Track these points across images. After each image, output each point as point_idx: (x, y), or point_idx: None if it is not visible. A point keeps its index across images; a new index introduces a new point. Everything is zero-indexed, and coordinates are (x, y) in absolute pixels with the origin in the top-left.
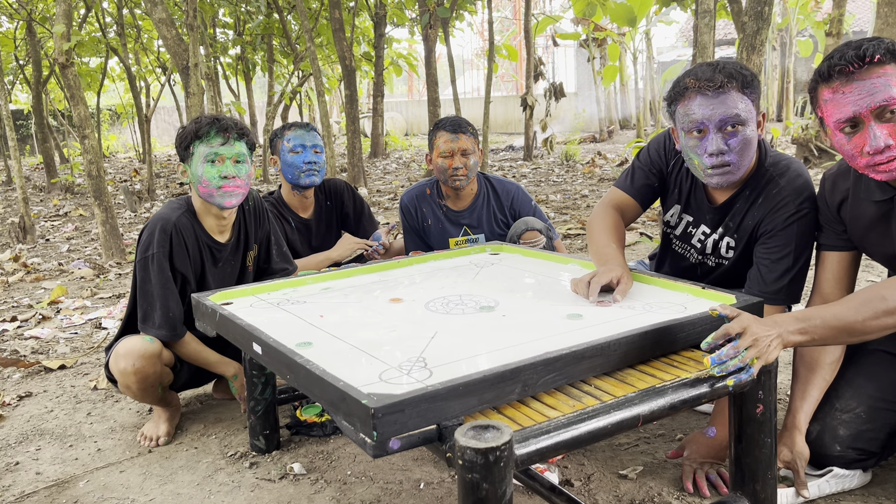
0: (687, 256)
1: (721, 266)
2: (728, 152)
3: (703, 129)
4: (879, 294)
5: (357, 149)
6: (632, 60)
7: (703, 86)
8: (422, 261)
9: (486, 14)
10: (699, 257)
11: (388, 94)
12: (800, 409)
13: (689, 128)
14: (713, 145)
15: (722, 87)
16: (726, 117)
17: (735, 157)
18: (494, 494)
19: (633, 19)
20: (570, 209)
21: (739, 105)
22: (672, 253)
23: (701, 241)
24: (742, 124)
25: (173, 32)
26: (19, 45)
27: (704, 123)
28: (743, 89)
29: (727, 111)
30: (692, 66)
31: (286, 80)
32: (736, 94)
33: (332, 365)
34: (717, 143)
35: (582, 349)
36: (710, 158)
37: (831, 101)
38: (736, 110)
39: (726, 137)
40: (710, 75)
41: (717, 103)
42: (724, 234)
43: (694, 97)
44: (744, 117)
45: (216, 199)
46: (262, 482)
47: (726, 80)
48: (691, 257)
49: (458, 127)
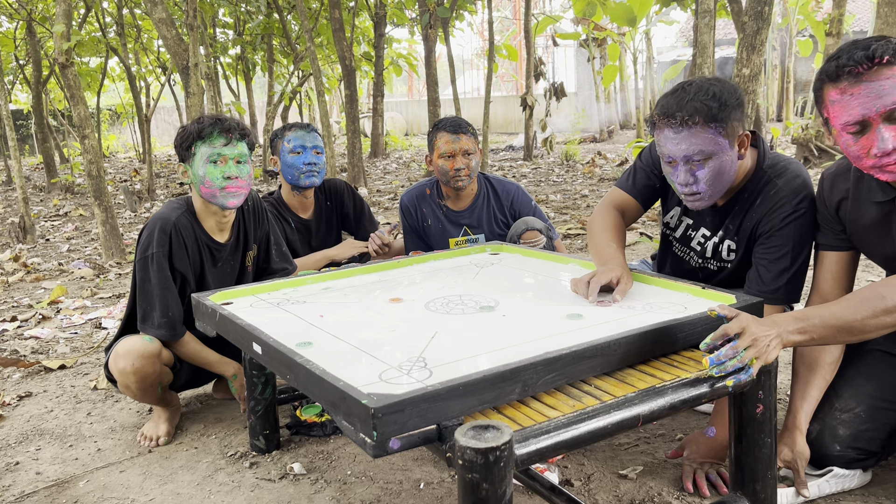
0: (687, 260)
1: (724, 270)
2: (696, 183)
3: (672, 161)
4: (878, 293)
5: (357, 149)
6: (632, 60)
7: (668, 122)
8: (422, 261)
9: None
10: (700, 261)
11: (388, 94)
12: (800, 409)
13: (661, 157)
14: (681, 177)
15: (686, 124)
16: (690, 154)
17: (704, 187)
18: (494, 494)
19: (633, 19)
20: (570, 209)
21: (705, 140)
22: (672, 256)
23: (701, 243)
24: (709, 157)
25: (173, 32)
26: (19, 45)
27: (672, 157)
28: (709, 122)
29: (690, 148)
30: (665, 94)
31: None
32: (701, 129)
33: (332, 365)
34: (685, 175)
35: (582, 349)
36: (681, 187)
37: (839, 102)
38: (700, 146)
39: (694, 170)
40: (674, 111)
41: (681, 139)
42: (724, 237)
43: (662, 129)
44: (710, 150)
45: (219, 200)
46: (262, 482)
47: (689, 118)
48: (692, 261)
49: (459, 127)
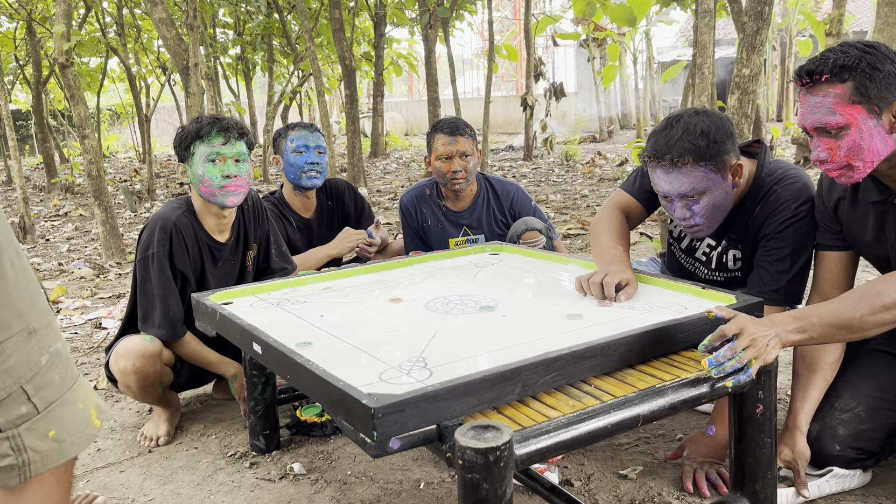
0: (694, 271)
1: (733, 282)
2: (693, 217)
3: (667, 197)
4: (876, 290)
5: (357, 149)
6: (632, 60)
7: (659, 163)
8: (422, 261)
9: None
10: (706, 271)
11: (388, 94)
12: (800, 410)
13: (657, 192)
14: (678, 213)
15: (675, 165)
16: (683, 192)
17: (701, 220)
18: (494, 494)
19: (633, 19)
20: (570, 209)
21: (697, 178)
22: (680, 268)
23: (706, 254)
24: (703, 193)
25: (173, 32)
26: (19, 45)
27: (666, 194)
28: (699, 161)
29: (682, 187)
30: (654, 130)
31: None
32: (692, 169)
33: (332, 365)
34: (682, 211)
35: (582, 349)
36: (680, 221)
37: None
38: (692, 184)
39: (689, 204)
40: (663, 152)
41: (672, 178)
42: (728, 246)
43: (654, 168)
44: (703, 187)
45: (218, 199)
46: (262, 482)
47: (678, 158)
48: (699, 272)
49: (456, 129)
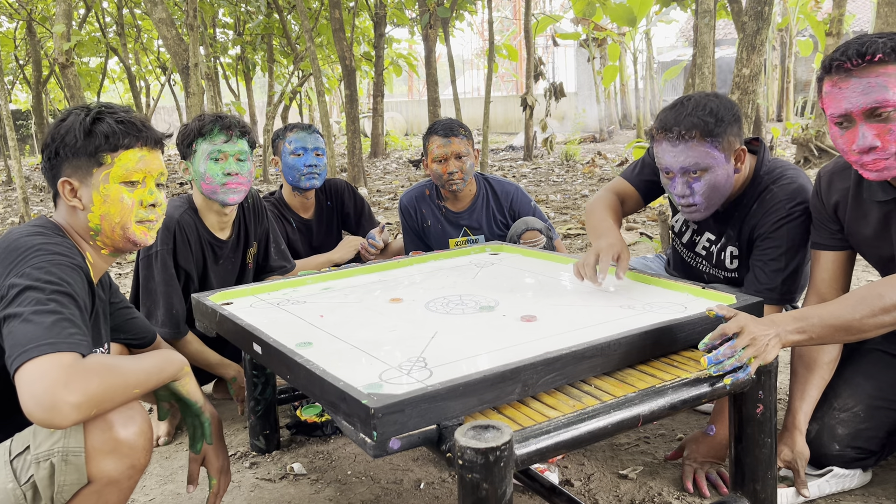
0: (695, 266)
1: (733, 281)
2: (693, 195)
3: (670, 172)
4: (876, 292)
5: (357, 149)
6: (632, 60)
7: (666, 135)
8: (422, 261)
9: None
10: (707, 266)
11: (388, 94)
12: (799, 409)
13: (660, 168)
14: (678, 189)
15: (682, 138)
16: (686, 167)
17: (700, 199)
18: (494, 494)
19: (633, 19)
20: (570, 209)
21: (702, 154)
22: (683, 264)
23: (706, 248)
24: (705, 170)
25: (173, 32)
26: (19, 45)
27: (669, 169)
28: (706, 137)
29: (687, 161)
30: (664, 108)
31: (286, 80)
32: (698, 143)
33: (332, 365)
34: (682, 187)
35: (582, 349)
36: (678, 198)
37: (829, 94)
38: (697, 160)
39: (690, 182)
40: (671, 125)
41: (678, 152)
42: (725, 243)
43: (660, 142)
44: (706, 164)
45: (220, 196)
46: (262, 482)
47: (686, 132)
48: (700, 266)
49: (450, 130)
